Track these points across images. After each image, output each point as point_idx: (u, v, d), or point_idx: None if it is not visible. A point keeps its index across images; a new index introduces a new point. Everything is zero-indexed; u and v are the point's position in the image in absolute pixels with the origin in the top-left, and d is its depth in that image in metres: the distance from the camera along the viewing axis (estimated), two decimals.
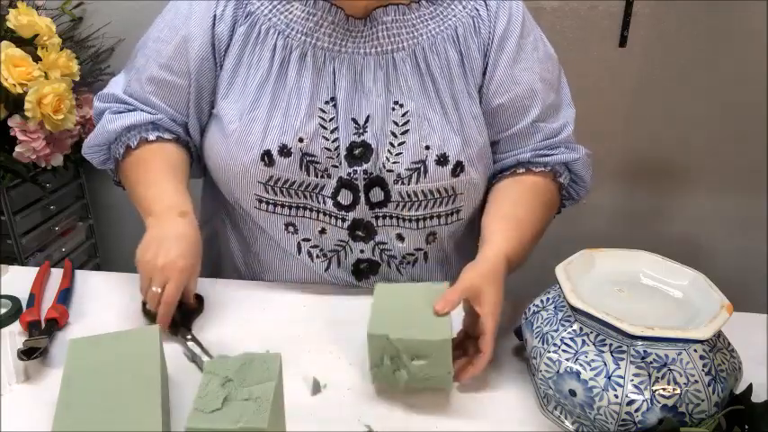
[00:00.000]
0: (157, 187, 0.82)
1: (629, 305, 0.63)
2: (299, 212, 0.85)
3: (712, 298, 0.61)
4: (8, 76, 1.33)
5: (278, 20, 0.81)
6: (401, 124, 0.81)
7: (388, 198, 0.83)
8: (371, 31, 0.81)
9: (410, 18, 0.82)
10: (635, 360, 0.58)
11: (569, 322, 0.63)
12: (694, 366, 0.57)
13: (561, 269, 0.65)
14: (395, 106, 0.81)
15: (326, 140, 0.80)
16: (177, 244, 0.76)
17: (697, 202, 1.79)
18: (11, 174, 1.47)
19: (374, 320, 0.66)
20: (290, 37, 0.81)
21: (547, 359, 0.62)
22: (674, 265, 0.67)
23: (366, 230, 0.85)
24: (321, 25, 0.81)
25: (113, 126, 0.86)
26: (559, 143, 0.88)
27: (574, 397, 0.60)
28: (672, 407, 0.56)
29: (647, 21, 1.61)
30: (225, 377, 0.56)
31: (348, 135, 0.81)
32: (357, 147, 0.81)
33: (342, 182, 0.82)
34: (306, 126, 0.80)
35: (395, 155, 0.81)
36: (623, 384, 0.57)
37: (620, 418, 0.57)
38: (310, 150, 0.80)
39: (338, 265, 0.88)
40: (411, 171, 0.81)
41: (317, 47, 0.81)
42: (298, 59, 0.81)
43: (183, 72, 0.84)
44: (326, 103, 0.81)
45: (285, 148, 0.80)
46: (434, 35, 0.82)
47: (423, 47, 0.82)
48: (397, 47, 0.82)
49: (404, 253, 0.87)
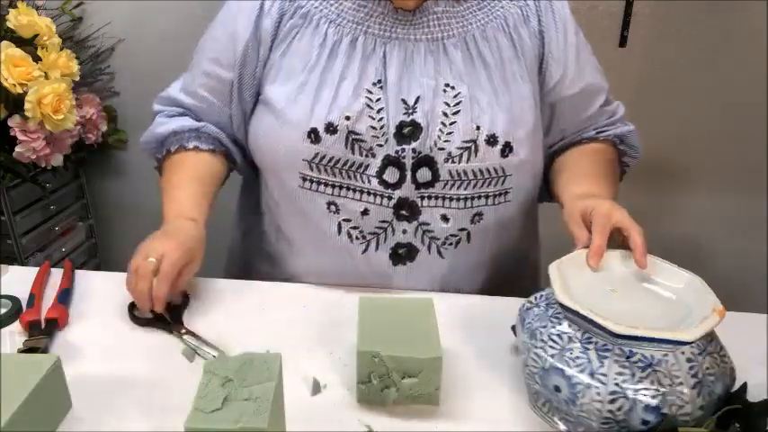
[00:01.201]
0: (176, 194, 0.89)
1: (620, 305, 0.63)
2: (342, 192, 0.86)
3: (706, 301, 0.61)
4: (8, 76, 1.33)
5: (328, 11, 0.86)
6: (452, 105, 0.83)
7: (435, 178, 0.84)
8: (422, 20, 0.85)
9: (459, 10, 0.86)
10: (619, 359, 0.58)
11: (558, 319, 0.63)
12: (680, 368, 0.57)
13: (554, 267, 0.66)
14: (446, 88, 0.84)
15: (372, 120, 0.82)
16: (177, 235, 0.81)
17: (697, 202, 1.79)
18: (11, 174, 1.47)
19: (363, 336, 0.66)
20: (341, 25, 0.85)
21: (534, 354, 0.62)
22: (670, 267, 0.67)
23: (411, 210, 0.86)
24: (371, 15, 0.85)
25: (160, 130, 0.95)
26: (616, 121, 0.98)
27: (559, 393, 0.60)
28: (654, 407, 0.56)
29: (647, 21, 1.61)
30: (225, 377, 0.56)
31: (397, 115, 0.83)
32: (406, 126, 0.83)
33: (389, 159, 0.83)
34: (352, 105, 0.82)
35: (446, 133, 0.83)
36: (606, 382, 0.57)
37: (603, 416, 0.57)
38: (356, 129, 0.82)
39: (376, 248, 0.88)
40: (462, 150, 0.83)
41: (367, 33, 0.85)
42: (348, 45, 0.85)
43: (229, 65, 0.90)
44: (374, 84, 0.83)
45: (331, 125, 0.82)
46: (484, 24, 0.86)
47: (473, 34, 0.86)
48: (447, 34, 0.85)
49: (447, 234, 0.87)
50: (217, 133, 0.95)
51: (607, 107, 0.97)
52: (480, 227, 0.88)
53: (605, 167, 0.92)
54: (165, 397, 0.67)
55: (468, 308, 0.84)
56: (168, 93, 0.98)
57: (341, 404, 0.67)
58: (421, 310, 0.70)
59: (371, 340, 0.65)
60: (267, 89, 0.88)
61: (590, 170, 0.91)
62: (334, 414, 0.65)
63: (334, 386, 0.69)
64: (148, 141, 0.97)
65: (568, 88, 0.91)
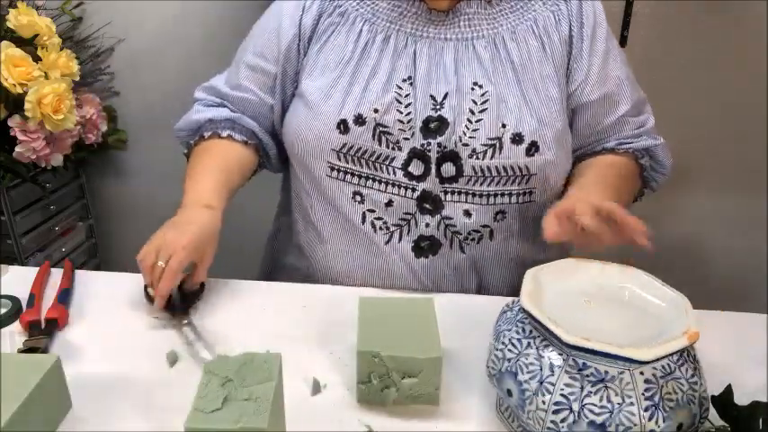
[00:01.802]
0: (199, 180, 0.90)
1: (590, 317, 0.61)
2: (368, 183, 0.88)
3: (683, 323, 0.57)
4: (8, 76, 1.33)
5: (364, 10, 0.89)
6: (480, 103, 0.85)
7: (459, 173, 0.85)
8: (453, 20, 0.87)
9: (491, 12, 0.88)
10: (570, 370, 0.56)
11: (523, 323, 0.62)
12: (634, 389, 0.55)
13: (531, 272, 0.64)
14: (474, 87, 0.85)
15: (400, 114, 0.85)
16: (189, 227, 0.81)
17: (697, 202, 1.79)
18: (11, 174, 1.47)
19: (363, 336, 0.66)
20: (375, 23, 0.89)
21: (493, 356, 0.62)
22: (659, 285, 0.63)
23: (434, 203, 0.87)
24: (405, 15, 0.87)
25: (196, 117, 0.99)
26: (642, 133, 0.96)
27: (510, 397, 0.59)
28: (600, 424, 0.54)
29: (647, 21, 1.61)
30: (225, 377, 0.56)
31: (425, 110, 0.85)
32: (433, 120, 0.85)
33: (414, 152, 0.85)
34: (382, 99, 0.85)
35: (472, 130, 0.84)
36: (552, 392, 0.56)
37: (547, 426, 0.56)
38: (384, 121, 0.85)
39: (399, 240, 0.90)
40: (486, 146, 0.84)
41: (400, 31, 0.87)
42: (381, 42, 0.88)
43: (273, 58, 0.94)
44: (404, 80, 0.86)
45: (360, 117, 0.85)
46: (515, 26, 0.88)
47: (503, 36, 0.87)
48: (477, 35, 0.87)
49: (469, 229, 0.88)
50: (253, 126, 0.98)
51: (633, 118, 0.95)
52: (503, 225, 0.89)
53: (617, 180, 0.89)
54: (165, 397, 0.67)
55: (468, 308, 0.85)
56: (212, 83, 1.02)
57: (341, 404, 0.67)
58: (421, 310, 0.70)
59: (371, 340, 0.65)
60: (303, 82, 0.91)
61: (598, 180, 0.88)
62: (334, 414, 0.66)
63: (334, 386, 0.69)
64: (183, 128, 1.00)
65: (589, 94, 0.91)
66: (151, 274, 0.78)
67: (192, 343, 0.75)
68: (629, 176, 0.93)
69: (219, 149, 0.95)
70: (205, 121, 0.98)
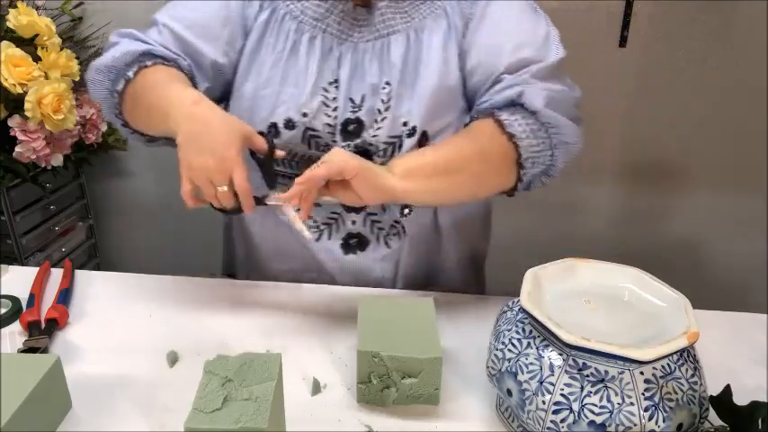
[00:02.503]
0: (168, 90, 0.78)
1: (590, 317, 0.61)
2: None
3: (683, 323, 0.57)
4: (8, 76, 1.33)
5: (294, 7, 0.87)
6: (386, 101, 0.86)
7: None
8: (371, 18, 0.86)
9: (403, 5, 0.87)
10: (570, 370, 0.56)
11: (523, 323, 0.62)
12: (634, 388, 0.55)
13: (531, 272, 0.64)
14: (384, 86, 0.86)
15: (328, 117, 0.86)
16: (211, 134, 0.71)
17: (697, 202, 1.79)
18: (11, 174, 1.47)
19: (363, 337, 0.66)
20: (303, 22, 0.87)
21: (493, 356, 0.62)
22: (659, 285, 0.63)
23: None
24: (331, 12, 0.86)
25: (131, 48, 0.83)
26: (505, 87, 0.82)
27: (510, 397, 0.59)
28: (600, 424, 0.54)
29: (647, 21, 1.61)
30: (225, 377, 0.56)
31: (345, 113, 0.86)
32: (351, 123, 0.86)
33: None
34: (310, 103, 0.85)
35: (376, 129, 0.86)
36: (552, 392, 0.56)
37: (546, 426, 0.56)
38: (313, 125, 0.85)
39: (329, 237, 0.91)
40: (387, 145, 0.86)
41: (326, 32, 0.87)
42: (308, 42, 0.87)
43: (211, 41, 0.86)
44: (330, 83, 0.86)
45: (290, 121, 0.85)
46: (425, 16, 0.87)
47: (414, 28, 0.87)
48: (391, 30, 0.87)
49: (389, 224, 0.90)
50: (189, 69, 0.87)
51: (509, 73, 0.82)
52: (413, 221, 0.90)
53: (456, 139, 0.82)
54: (165, 397, 0.67)
55: (468, 308, 0.85)
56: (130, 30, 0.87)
57: (341, 404, 0.67)
58: (421, 310, 0.71)
59: (371, 340, 0.65)
60: (239, 82, 0.89)
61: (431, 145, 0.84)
62: (334, 414, 0.65)
63: (334, 386, 0.69)
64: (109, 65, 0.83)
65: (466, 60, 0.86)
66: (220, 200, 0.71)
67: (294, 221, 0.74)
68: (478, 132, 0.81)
69: (171, 71, 0.82)
70: (142, 53, 0.83)
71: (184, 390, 0.60)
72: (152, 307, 0.83)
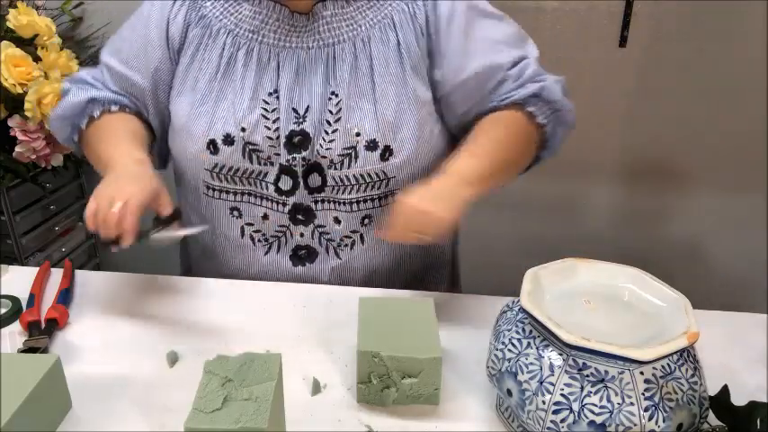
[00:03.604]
0: (116, 147, 0.84)
1: (590, 317, 0.61)
2: (244, 198, 0.89)
3: (683, 323, 0.57)
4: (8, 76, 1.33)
5: (228, 20, 0.86)
6: (335, 113, 0.85)
7: (324, 183, 0.87)
8: (314, 26, 0.85)
9: (349, 11, 0.86)
10: (570, 370, 0.56)
11: (523, 323, 0.62)
12: (634, 388, 0.55)
13: (531, 272, 0.64)
14: (331, 96, 0.85)
15: (269, 130, 0.85)
16: (134, 178, 0.76)
17: (697, 202, 1.79)
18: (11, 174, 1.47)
19: (363, 337, 0.66)
20: (238, 35, 0.86)
21: (493, 356, 0.62)
22: (659, 285, 0.63)
23: (306, 214, 0.89)
24: (267, 23, 0.85)
25: (78, 98, 0.90)
26: (524, 82, 0.88)
27: (510, 397, 0.59)
28: (600, 424, 0.54)
29: (647, 21, 1.61)
30: (225, 377, 0.56)
31: (288, 124, 0.85)
32: (296, 135, 0.85)
33: (282, 168, 0.86)
34: (248, 116, 0.85)
35: (328, 141, 0.85)
36: (552, 392, 0.56)
37: (546, 426, 0.56)
38: (252, 139, 0.85)
39: (278, 251, 0.91)
40: (343, 156, 0.85)
41: (263, 43, 0.86)
42: (244, 55, 0.86)
43: (141, 70, 0.90)
44: (270, 94, 0.85)
45: (229, 137, 0.85)
46: (372, 24, 0.86)
47: (362, 37, 0.86)
48: (337, 39, 0.86)
49: (341, 235, 0.90)
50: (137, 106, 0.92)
51: (510, 71, 0.88)
52: (371, 228, 0.90)
53: (495, 133, 0.85)
54: (165, 397, 0.67)
55: (468, 308, 0.85)
56: (79, 75, 0.94)
57: (341, 404, 0.67)
58: (421, 310, 0.71)
59: (371, 340, 0.65)
60: (174, 101, 0.90)
61: (472, 140, 0.84)
62: (334, 414, 0.65)
63: (334, 386, 0.69)
64: (63, 115, 0.91)
65: (457, 75, 0.87)
66: (107, 221, 0.71)
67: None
68: (517, 128, 0.87)
69: (120, 120, 0.89)
70: (87, 101, 0.90)
71: (184, 390, 0.60)
72: (152, 307, 0.83)
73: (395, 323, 0.68)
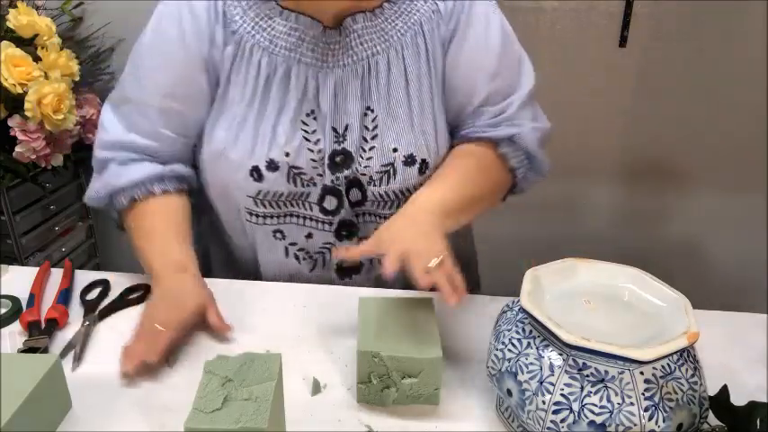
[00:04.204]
0: (159, 243, 0.82)
1: (590, 317, 0.61)
2: (287, 219, 0.88)
3: (683, 323, 0.57)
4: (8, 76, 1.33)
5: (261, 37, 0.82)
6: (371, 129, 0.84)
7: (365, 197, 0.87)
8: (346, 41, 0.83)
9: (378, 22, 0.84)
10: (570, 370, 0.56)
11: (523, 323, 0.62)
12: (634, 388, 0.55)
13: (531, 272, 0.64)
14: (367, 112, 0.84)
15: (311, 152, 0.83)
16: (177, 300, 0.76)
17: (697, 202, 1.79)
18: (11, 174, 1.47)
19: (363, 337, 0.66)
20: (274, 53, 0.82)
21: (493, 356, 0.62)
22: (659, 285, 0.63)
23: (350, 229, 0.89)
24: (303, 40, 0.82)
25: (120, 182, 0.85)
26: (501, 122, 0.87)
27: (510, 397, 0.59)
28: (600, 424, 0.54)
29: (647, 21, 1.61)
30: (225, 377, 0.56)
31: (330, 144, 0.84)
32: (338, 154, 0.84)
33: (326, 189, 0.85)
34: (292, 140, 0.83)
35: (366, 159, 0.84)
36: (552, 392, 0.56)
37: (546, 426, 0.56)
38: (297, 163, 0.83)
39: (323, 266, 0.91)
40: (381, 173, 0.85)
41: (300, 62, 0.82)
42: (282, 76, 0.83)
43: (186, 97, 0.84)
44: (308, 115, 0.83)
45: (273, 162, 0.83)
46: (403, 33, 0.84)
47: (394, 48, 0.84)
48: (371, 52, 0.84)
49: None
50: (180, 170, 0.88)
51: (491, 107, 0.87)
52: None
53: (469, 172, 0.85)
54: (165, 397, 0.67)
55: (468, 307, 0.84)
56: (115, 140, 0.87)
57: (341, 404, 0.67)
58: (421, 309, 0.71)
59: (371, 340, 0.65)
60: (211, 124, 0.85)
61: (447, 172, 0.84)
62: (334, 414, 0.65)
63: (335, 386, 0.69)
64: (102, 195, 0.87)
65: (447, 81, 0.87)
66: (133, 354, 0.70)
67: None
68: (488, 167, 0.87)
69: (162, 207, 0.85)
70: (131, 185, 0.85)
71: (184, 390, 0.60)
72: None
73: (395, 323, 0.68)
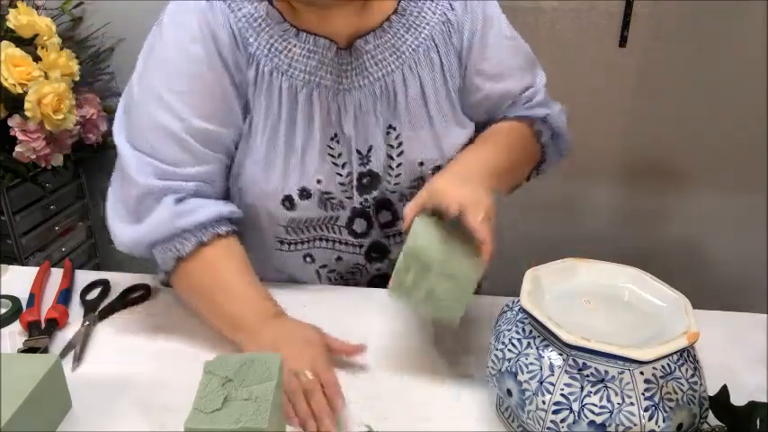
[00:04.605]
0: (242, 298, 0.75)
1: (590, 317, 0.61)
2: (316, 243, 0.88)
3: (683, 323, 0.57)
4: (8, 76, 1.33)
5: (279, 60, 0.79)
6: (396, 147, 0.84)
7: (395, 217, 0.87)
8: (359, 62, 0.81)
9: (388, 38, 0.82)
10: (570, 370, 0.56)
11: (523, 323, 0.62)
12: (634, 388, 0.55)
13: (531, 272, 0.64)
14: (389, 130, 0.84)
15: (340, 176, 0.83)
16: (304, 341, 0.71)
17: (697, 202, 1.79)
18: (11, 174, 1.47)
19: (417, 234, 0.67)
20: (294, 77, 0.79)
21: (493, 356, 0.62)
22: (659, 285, 0.63)
23: (380, 250, 0.89)
24: (324, 63, 0.80)
25: (182, 223, 0.74)
26: (534, 105, 0.92)
27: (510, 397, 0.59)
28: (600, 424, 0.54)
29: (647, 21, 1.61)
30: (225, 377, 0.56)
31: (356, 167, 0.83)
32: (365, 176, 0.84)
33: (355, 211, 0.86)
34: (321, 166, 0.82)
35: (395, 176, 0.85)
36: (552, 392, 0.56)
37: (546, 426, 0.56)
38: (327, 189, 0.83)
39: (355, 284, 0.92)
40: (412, 189, 0.85)
41: (321, 86, 0.80)
42: (305, 101, 0.80)
43: (223, 121, 0.78)
44: (332, 139, 0.82)
45: (305, 191, 0.82)
46: (415, 49, 0.83)
47: (408, 64, 0.83)
48: (386, 71, 0.82)
49: None
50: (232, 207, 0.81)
51: (521, 95, 0.91)
52: None
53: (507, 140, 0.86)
54: (165, 397, 0.67)
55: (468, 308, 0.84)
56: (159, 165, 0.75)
57: None
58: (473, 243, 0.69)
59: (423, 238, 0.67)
60: (239, 154, 0.81)
61: (488, 138, 0.86)
62: None
63: None
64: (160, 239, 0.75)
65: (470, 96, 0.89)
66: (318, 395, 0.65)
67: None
68: (526, 141, 0.89)
69: (228, 252, 0.77)
70: (196, 226, 0.75)
71: (184, 390, 0.60)
72: (152, 307, 0.83)
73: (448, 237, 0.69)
